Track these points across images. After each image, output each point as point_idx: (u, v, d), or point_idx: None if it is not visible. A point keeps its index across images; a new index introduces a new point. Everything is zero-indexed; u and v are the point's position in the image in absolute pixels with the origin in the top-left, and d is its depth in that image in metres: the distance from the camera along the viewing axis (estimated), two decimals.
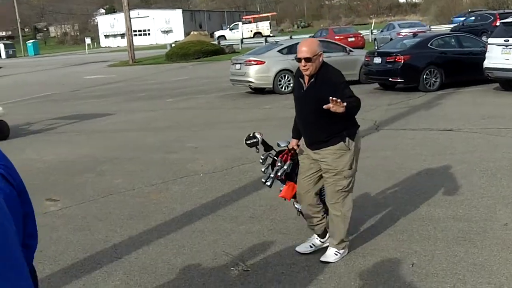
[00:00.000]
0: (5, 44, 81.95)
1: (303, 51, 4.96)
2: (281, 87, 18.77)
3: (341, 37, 35.11)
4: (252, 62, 18.92)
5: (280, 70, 18.69)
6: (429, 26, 43.54)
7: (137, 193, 8.09)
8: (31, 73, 40.73)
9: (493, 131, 10.77)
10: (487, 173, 7.93)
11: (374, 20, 77.28)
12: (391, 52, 17.62)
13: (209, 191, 7.98)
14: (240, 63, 19.43)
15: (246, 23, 74.56)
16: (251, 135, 5.57)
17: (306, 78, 5.14)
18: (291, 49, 19.26)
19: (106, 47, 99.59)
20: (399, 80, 17.21)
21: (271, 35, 64.66)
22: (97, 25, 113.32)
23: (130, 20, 44.19)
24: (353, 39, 34.94)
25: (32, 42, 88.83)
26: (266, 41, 36.49)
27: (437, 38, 18.09)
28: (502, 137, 10.23)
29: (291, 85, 18.75)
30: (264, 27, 72.16)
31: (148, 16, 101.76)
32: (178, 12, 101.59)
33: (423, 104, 14.95)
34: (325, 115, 4.87)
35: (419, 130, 11.43)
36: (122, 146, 11.84)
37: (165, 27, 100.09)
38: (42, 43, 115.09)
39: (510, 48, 15.39)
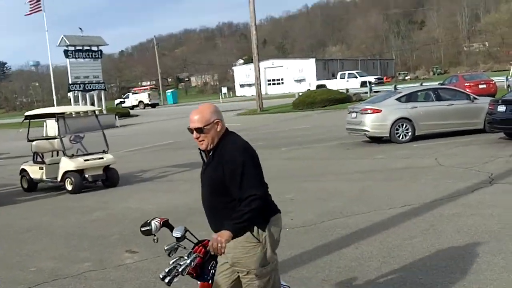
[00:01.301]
0: (148, 94, 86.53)
1: (194, 120, 3.97)
2: (399, 136, 17.98)
3: (472, 84, 33.61)
4: (368, 110, 18.34)
5: (398, 119, 17.95)
6: None
7: None
8: (163, 121, 42.51)
9: None
10: None
11: None
12: None
13: (289, 247, 7.52)
14: (356, 112, 18.92)
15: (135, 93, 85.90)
16: (148, 221, 4.08)
17: (207, 153, 4.13)
18: (410, 97, 18.55)
19: (241, 96, 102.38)
20: None
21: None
22: (233, 75, 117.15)
23: (259, 70, 45.02)
24: (484, 85, 33.19)
25: (171, 91, 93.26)
26: (395, 88, 35.53)
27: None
28: None
29: (410, 133, 17.96)
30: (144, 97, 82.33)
31: (282, 66, 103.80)
32: (311, 62, 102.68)
33: None
34: (225, 199, 3.93)
35: None
36: None
37: (298, 76, 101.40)
38: (183, 92, 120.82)
39: None
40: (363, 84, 59.02)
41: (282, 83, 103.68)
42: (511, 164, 12.81)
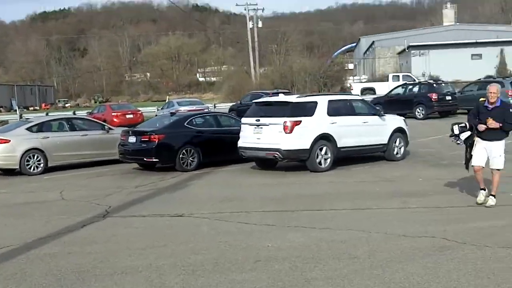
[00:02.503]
0: None
1: None
2: (30, 168, 17.04)
3: (119, 113, 34.49)
4: None
5: (28, 149, 17.01)
6: (214, 105, 44.26)
7: None
8: None
9: (224, 216, 10.13)
10: (187, 270, 7.03)
11: (168, 97, 77.65)
12: (146, 131, 16.81)
13: None
14: None
15: None
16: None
17: None
18: (42, 127, 17.84)
19: None
20: (154, 159, 16.40)
21: None
22: None
23: None
24: (131, 115, 34.16)
25: None
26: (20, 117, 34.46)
27: (194, 117, 17.67)
28: (226, 223, 9.59)
29: (42, 165, 17.15)
30: None
31: None
32: None
33: (171, 186, 14.16)
34: None
35: (149, 217, 10.47)
36: None
37: None
38: None
39: (261, 128, 15.28)
40: None
41: None
42: (133, 195, 12.95)
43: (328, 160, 15.17)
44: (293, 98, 15.89)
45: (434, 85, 31.60)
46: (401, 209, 10.05)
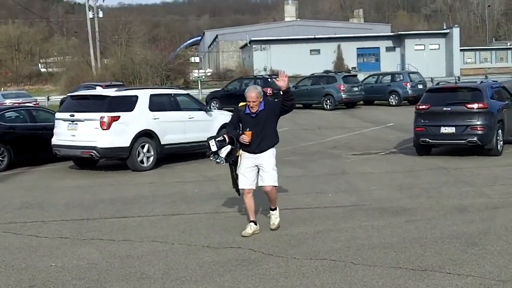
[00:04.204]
0: None
1: None
2: None
3: None
4: None
5: None
6: (48, 97, 41.57)
7: None
8: None
9: (14, 227, 8.78)
10: None
11: (3, 88, 72.42)
12: None
13: None
14: None
15: None
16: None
17: None
18: None
19: None
20: None
21: None
22: None
23: None
24: None
25: None
26: None
27: (4, 111, 15.88)
28: (14, 236, 8.27)
29: None
30: None
31: None
32: None
33: None
34: None
35: None
36: None
37: None
38: None
39: (76, 123, 13.92)
40: None
41: None
42: None
43: (151, 159, 14.17)
44: (111, 92, 14.65)
45: (269, 79, 31.49)
46: (213, 214, 9.23)
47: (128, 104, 13.99)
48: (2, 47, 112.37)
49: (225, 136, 7.86)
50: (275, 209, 8.07)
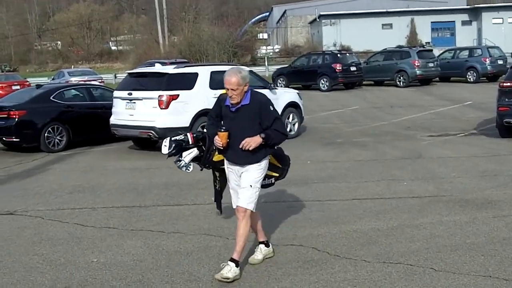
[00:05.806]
0: None
1: None
2: None
3: (4, 85, 31.95)
4: None
5: None
6: (115, 75, 41.62)
7: None
8: None
9: (62, 214, 8.22)
10: None
11: (73, 66, 73.64)
12: (5, 106, 14.50)
13: None
14: None
15: None
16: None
17: None
18: None
19: None
20: (14, 139, 14.22)
21: None
22: None
23: None
24: (18, 87, 31.43)
25: None
26: None
27: (63, 90, 15.45)
28: (60, 224, 7.69)
29: None
30: None
31: None
32: None
33: (26, 171, 12.04)
34: None
35: None
36: None
37: None
38: None
39: (134, 102, 13.32)
40: None
41: None
42: None
43: None
44: (170, 69, 13.95)
45: (338, 55, 30.43)
46: (273, 204, 8.33)
47: (188, 82, 13.25)
48: (73, 25, 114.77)
49: (187, 134, 6.09)
50: (262, 242, 6.09)
